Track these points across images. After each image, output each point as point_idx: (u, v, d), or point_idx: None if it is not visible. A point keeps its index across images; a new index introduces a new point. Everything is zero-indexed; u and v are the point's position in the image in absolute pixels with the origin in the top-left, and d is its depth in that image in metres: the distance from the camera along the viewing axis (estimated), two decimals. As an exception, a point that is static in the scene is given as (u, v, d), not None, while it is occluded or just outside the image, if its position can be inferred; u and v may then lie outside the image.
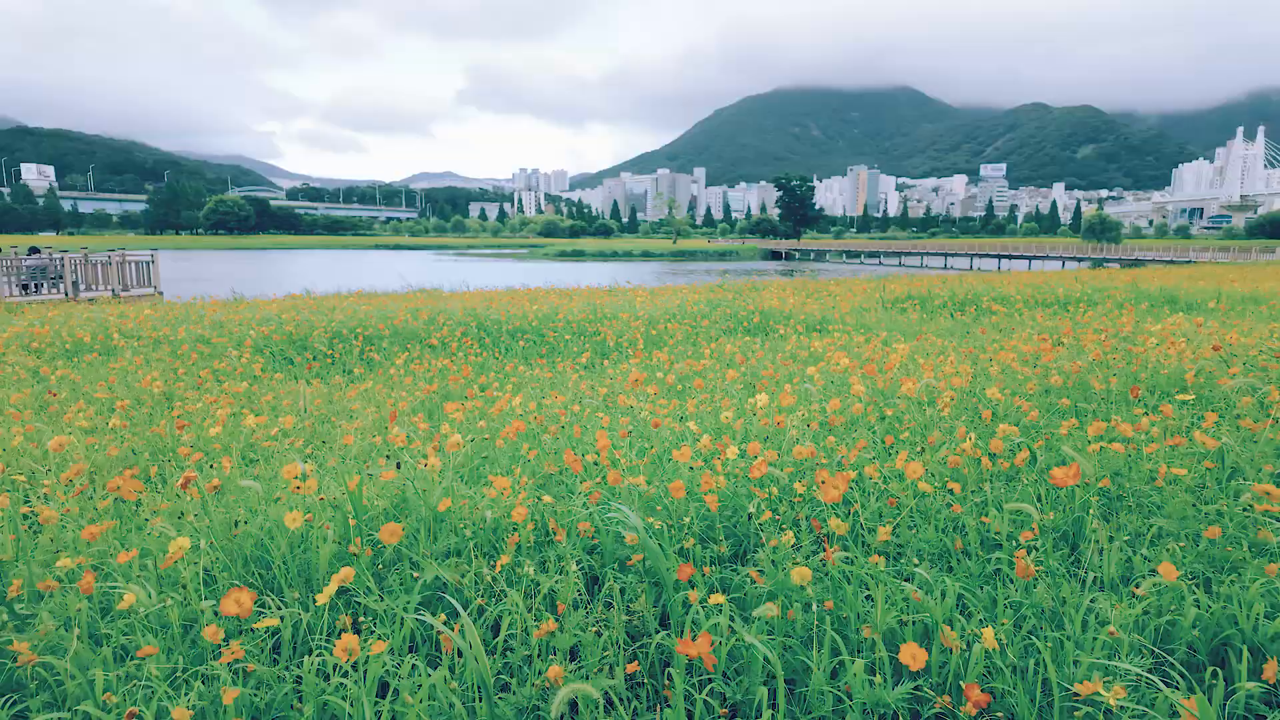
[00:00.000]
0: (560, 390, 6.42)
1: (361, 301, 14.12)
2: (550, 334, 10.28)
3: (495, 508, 2.91)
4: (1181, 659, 2.19)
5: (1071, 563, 2.78)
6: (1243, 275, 23.52)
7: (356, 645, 1.79)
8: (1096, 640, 2.00)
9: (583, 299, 14.67)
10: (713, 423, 4.44)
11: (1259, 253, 59.62)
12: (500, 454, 3.83)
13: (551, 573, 2.63)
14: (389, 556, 2.78)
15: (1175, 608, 2.22)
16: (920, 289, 17.18)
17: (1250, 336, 7.50)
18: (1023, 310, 13.02)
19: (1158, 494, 3.15)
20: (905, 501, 3.04)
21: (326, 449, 4.65)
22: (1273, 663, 1.64)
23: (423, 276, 24.34)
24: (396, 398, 6.26)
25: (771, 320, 12.46)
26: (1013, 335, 8.87)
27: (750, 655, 1.99)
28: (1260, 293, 15.82)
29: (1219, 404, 4.86)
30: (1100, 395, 5.11)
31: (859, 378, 5.55)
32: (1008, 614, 2.15)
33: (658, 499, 3.07)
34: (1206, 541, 2.75)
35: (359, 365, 8.78)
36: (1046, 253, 72.81)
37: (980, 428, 4.20)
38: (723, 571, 2.70)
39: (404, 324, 10.37)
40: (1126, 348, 6.61)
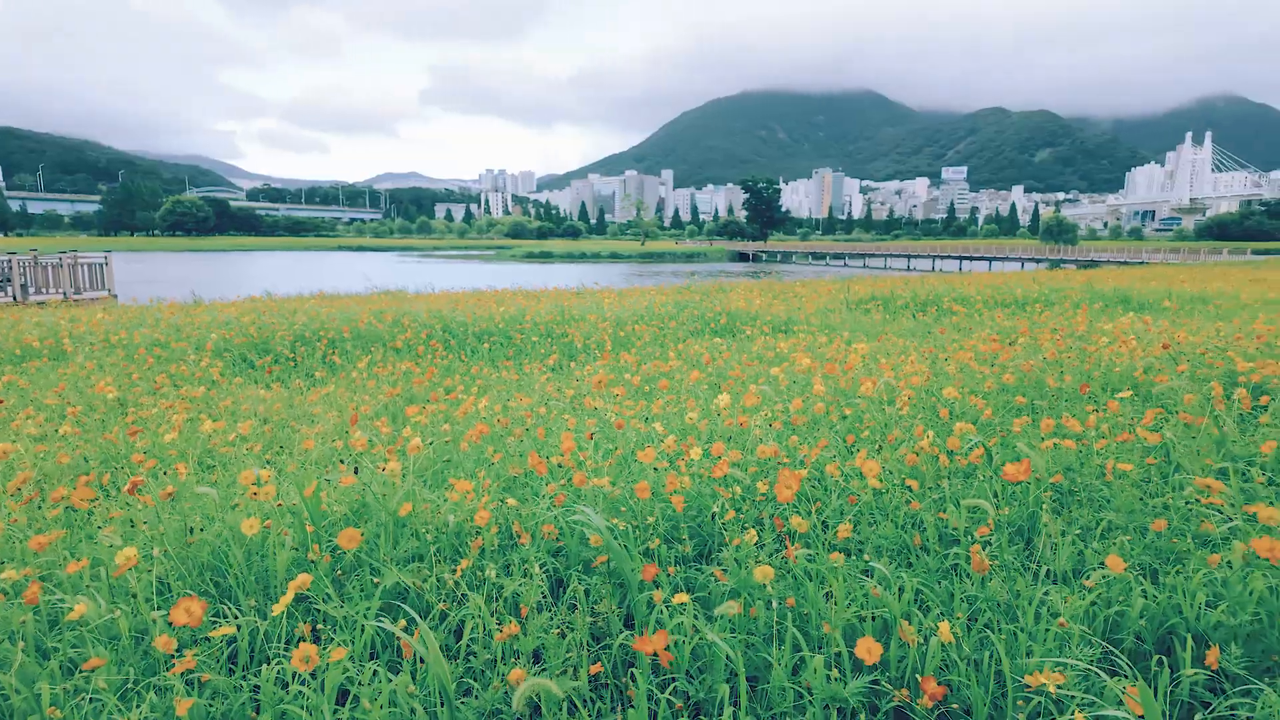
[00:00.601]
0: (527, 393, 6.39)
1: (324, 304, 13.90)
2: (517, 336, 10.22)
3: (458, 511, 2.89)
4: (1130, 649, 2.26)
5: (1026, 557, 2.85)
6: (1192, 276, 24.31)
7: (315, 653, 1.76)
8: (1049, 632, 2.05)
9: (550, 301, 14.62)
10: (678, 424, 4.46)
11: (1207, 254, 61.83)
12: (464, 457, 3.80)
13: (516, 576, 2.62)
14: (349, 562, 2.74)
15: (1123, 599, 2.29)
16: (883, 290, 17.45)
17: (1198, 335, 7.74)
18: (982, 310, 13.29)
19: (1107, 489, 3.24)
20: (865, 499, 3.09)
21: (286, 454, 4.57)
22: (1215, 650, 1.70)
23: (387, 278, 24.02)
24: (359, 401, 6.17)
25: (738, 321, 12.56)
26: (971, 335, 9.05)
27: (713, 654, 2.01)
28: (1208, 292, 16.37)
29: (1166, 400, 5.02)
30: (1054, 393, 5.24)
31: (821, 378, 5.63)
32: (963, 608, 2.20)
33: (623, 500, 3.07)
34: (1153, 534, 2.84)
35: (321, 369, 8.64)
36: (1006, 254, 74.43)
37: (938, 426, 4.28)
38: (688, 571, 2.72)
39: (367, 326, 10.23)
40: (1081, 346, 6.79)
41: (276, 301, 15.08)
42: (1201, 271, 28.62)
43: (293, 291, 18.34)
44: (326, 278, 30.22)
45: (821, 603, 2.18)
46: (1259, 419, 4.51)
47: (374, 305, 13.01)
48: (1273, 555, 1.87)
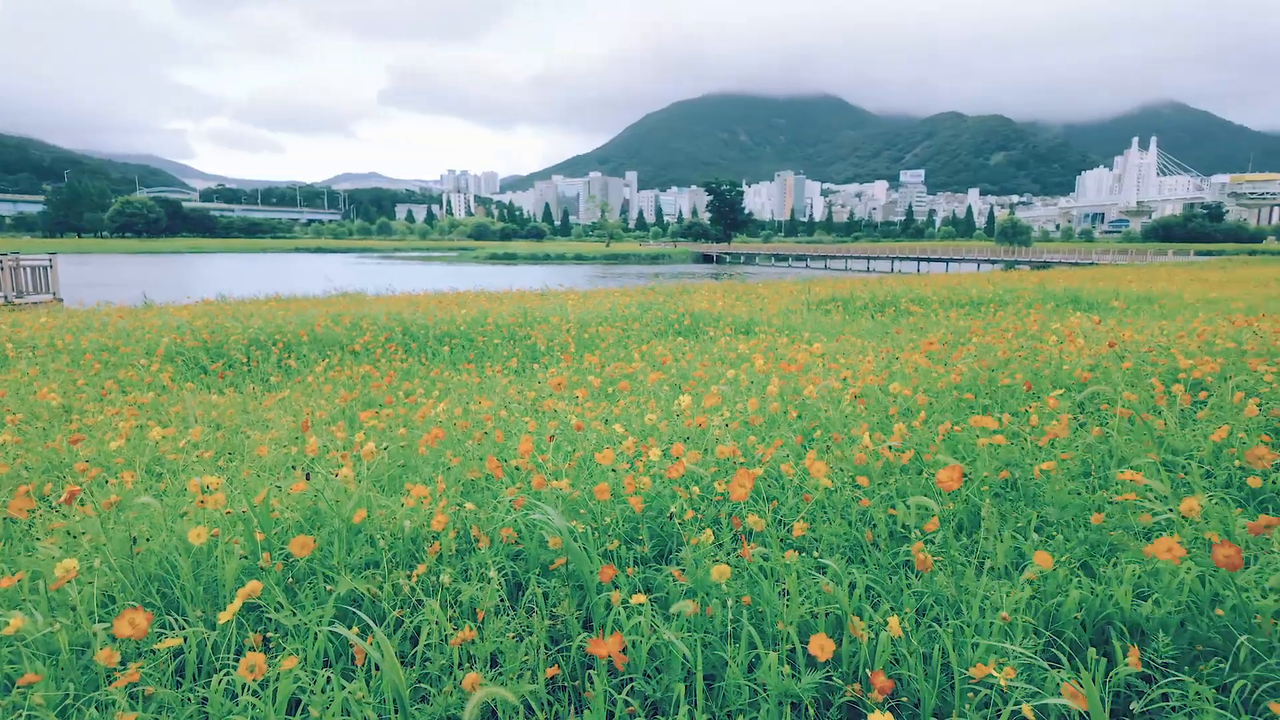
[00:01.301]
0: (489, 395, 6.35)
1: (280, 306, 13.62)
2: (479, 339, 10.15)
3: (414, 516, 2.86)
4: (1072, 639, 2.33)
5: (971, 551, 2.92)
6: (1139, 276, 25.15)
7: (262, 662, 1.74)
8: (993, 625, 2.11)
9: (513, 302, 14.54)
10: (640, 425, 4.47)
11: (1153, 255, 64.16)
12: (422, 461, 3.76)
13: (474, 580, 2.60)
14: (302, 570, 2.70)
15: (1060, 592, 2.37)
16: (843, 291, 17.72)
17: (1142, 334, 8.01)
18: (938, 311, 13.57)
19: (1049, 484, 3.34)
20: (819, 497, 3.14)
21: (239, 461, 4.48)
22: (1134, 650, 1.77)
23: (346, 280, 23.63)
24: (315, 406, 6.07)
25: (702, 323, 12.64)
26: (926, 335, 9.24)
27: (670, 653, 2.03)
28: (1153, 292, 16.96)
29: (1109, 397, 5.18)
30: (1006, 391, 5.38)
31: (778, 378, 5.69)
32: (911, 602, 2.25)
33: (582, 502, 3.08)
34: (1090, 528, 2.94)
35: (277, 373, 8.47)
36: (963, 255, 76.12)
37: (887, 424, 4.36)
38: (646, 572, 2.73)
39: (325, 330, 10.06)
40: (1033, 346, 6.98)
41: (231, 304, 14.74)
42: (1148, 272, 29.61)
43: (248, 294, 17.94)
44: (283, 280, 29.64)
45: (776, 600, 2.21)
46: (1197, 414, 4.69)
47: (332, 308, 12.79)
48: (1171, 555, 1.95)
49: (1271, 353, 6.23)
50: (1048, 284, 19.03)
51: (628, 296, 16.71)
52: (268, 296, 17.16)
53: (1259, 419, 4.42)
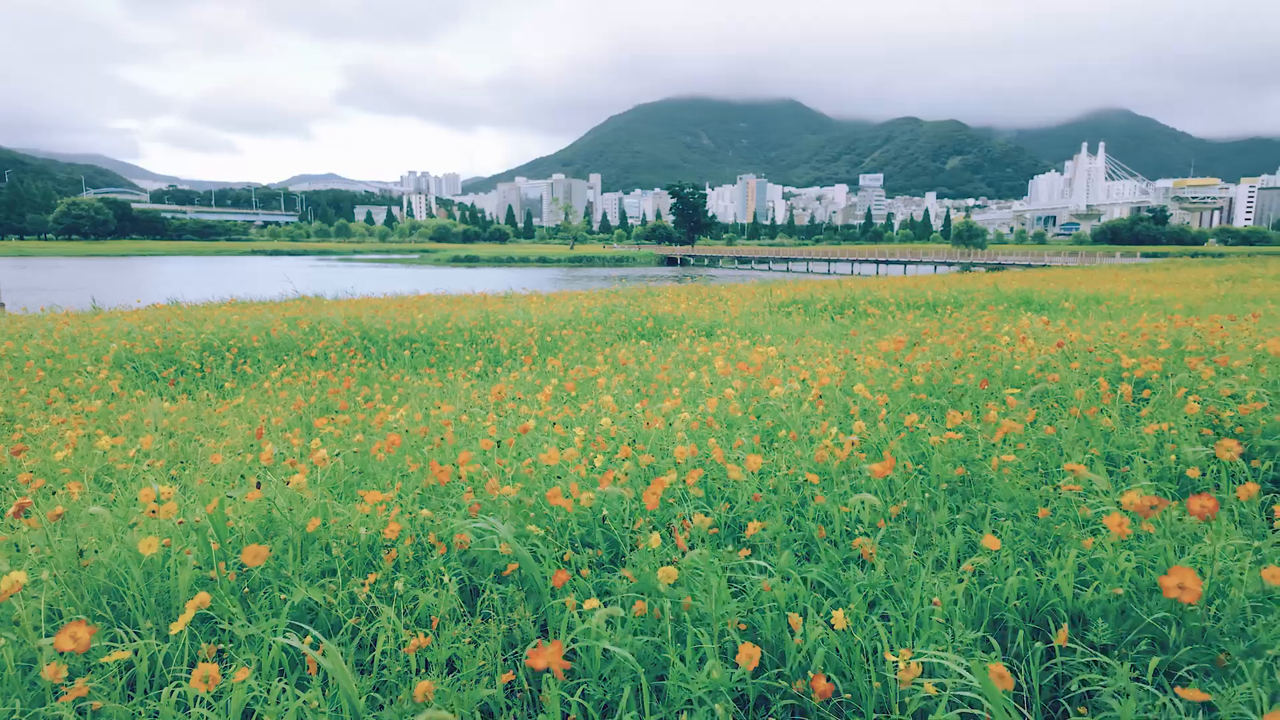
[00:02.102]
0: (450, 400, 6.31)
1: (235, 311, 13.33)
2: (441, 342, 10.06)
3: (370, 524, 2.84)
4: (1013, 628, 2.42)
5: (927, 546, 3.00)
6: (1088, 277, 25.93)
7: (216, 673, 1.72)
8: (934, 616, 2.18)
9: (475, 306, 14.44)
10: (599, 429, 4.49)
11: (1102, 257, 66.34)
12: (380, 468, 3.73)
13: (431, 587, 2.60)
14: (256, 580, 2.67)
15: (998, 581, 2.45)
16: (804, 294, 17.96)
17: (1089, 334, 8.28)
18: (896, 313, 13.84)
19: (1001, 479, 3.45)
20: (773, 498, 3.20)
21: (193, 469, 4.39)
22: (1064, 629, 1.85)
23: (304, 283, 23.21)
24: (271, 413, 5.97)
25: (665, 325, 12.71)
26: (884, 336, 9.42)
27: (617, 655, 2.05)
28: (1101, 293, 17.51)
29: (1059, 395, 5.36)
30: (960, 390, 5.52)
31: (740, 379, 5.77)
32: (858, 596, 2.31)
33: (537, 507, 3.09)
34: (1040, 520, 3.04)
35: (231, 379, 8.30)
36: (920, 258, 77.65)
37: (847, 424, 4.45)
38: (601, 575, 2.75)
39: (281, 334, 9.88)
40: (985, 346, 7.17)
41: (183, 309, 14.38)
42: (1096, 274, 30.56)
43: (202, 298, 17.52)
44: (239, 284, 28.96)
45: (724, 601, 2.25)
46: (1141, 411, 4.87)
47: (289, 312, 12.56)
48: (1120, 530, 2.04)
49: (1210, 351, 6.50)
50: (1001, 286, 19.52)
51: (591, 299, 16.72)
52: (222, 300, 16.78)
53: (1199, 415, 4.61)
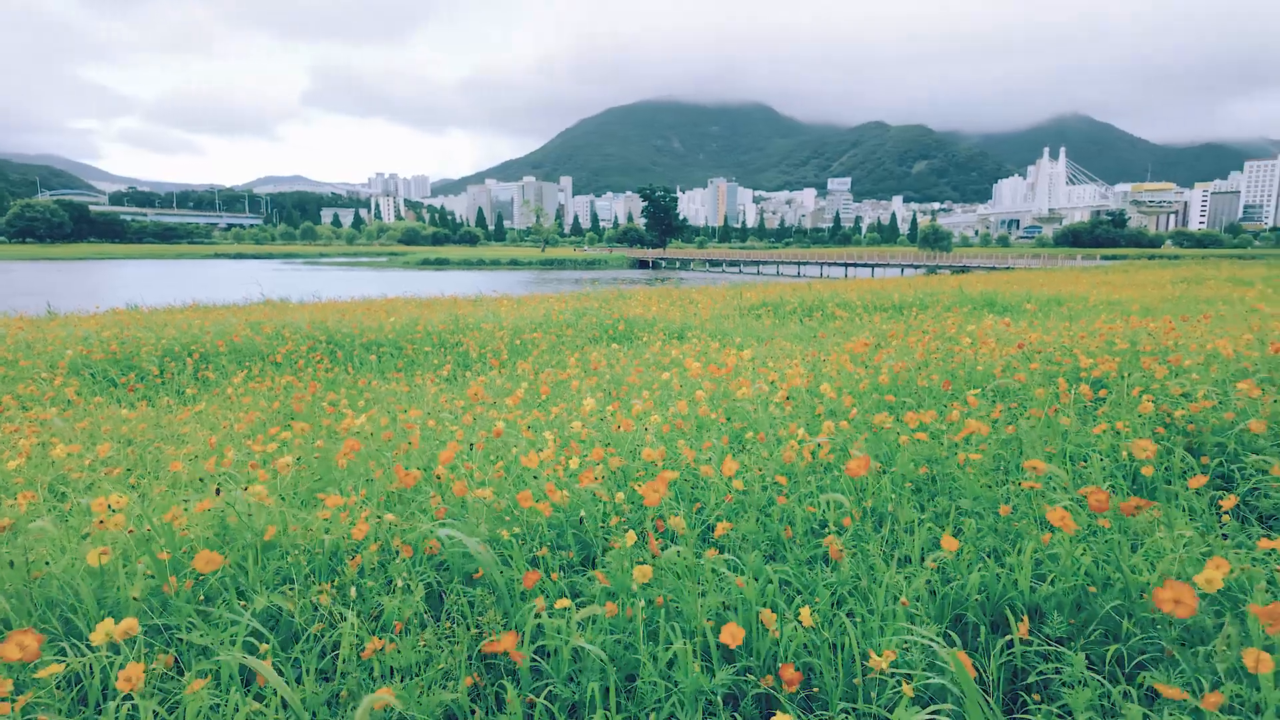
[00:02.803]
0: (418, 405, 6.24)
1: (197, 315, 13.06)
2: (409, 346, 9.96)
3: (333, 529, 2.80)
4: (975, 622, 2.46)
5: (894, 545, 3.04)
6: (1050, 280, 26.49)
7: (139, 675, 1.69)
8: (898, 612, 2.21)
9: (445, 309, 14.32)
10: (570, 431, 4.48)
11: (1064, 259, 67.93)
12: (344, 474, 3.68)
13: (397, 592, 2.57)
14: (215, 588, 2.61)
15: (960, 577, 2.50)
16: (773, 297, 18.10)
17: (1049, 335, 8.47)
18: (863, 315, 14.01)
19: (964, 478, 3.51)
20: (742, 498, 3.22)
21: (152, 478, 4.29)
22: (1024, 621, 1.89)
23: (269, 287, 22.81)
24: (234, 419, 5.85)
25: (636, 328, 12.72)
26: (851, 338, 9.53)
27: (589, 655, 2.05)
28: (1062, 295, 17.91)
29: (1020, 396, 5.47)
30: (924, 391, 5.61)
31: (710, 381, 5.80)
32: (825, 594, 2.34)
33: (508, 510, 3.07)
34: (1002, 518, 3.10)
35: (193, 385, 8.12)
36: (888, 261, 78.68)
37: (815, 424, 4.50)
38: (572, 576, 2.75)
39: (245, 339, 9.70)
40: (949, 348, 7.29)
41: (143, 314, 14.05)
42: (1058, 276, 31.23)
43: (162, 303, 17.14)
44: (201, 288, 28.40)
45: (694, 599, 2.26)
46: (1098, 410, 4.99)
47: (252, 316, 12.34)
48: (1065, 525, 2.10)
49: (1164, 351, 6.68)
50: (966, 288, 19.87)
51: (563, 302, 16.68)
52: (184, 305, 16.43)
53: (1152, 414, 4.74)
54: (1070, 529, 2.13)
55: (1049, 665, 2.26)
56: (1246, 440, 4.26)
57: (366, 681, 2.17)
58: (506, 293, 21.83)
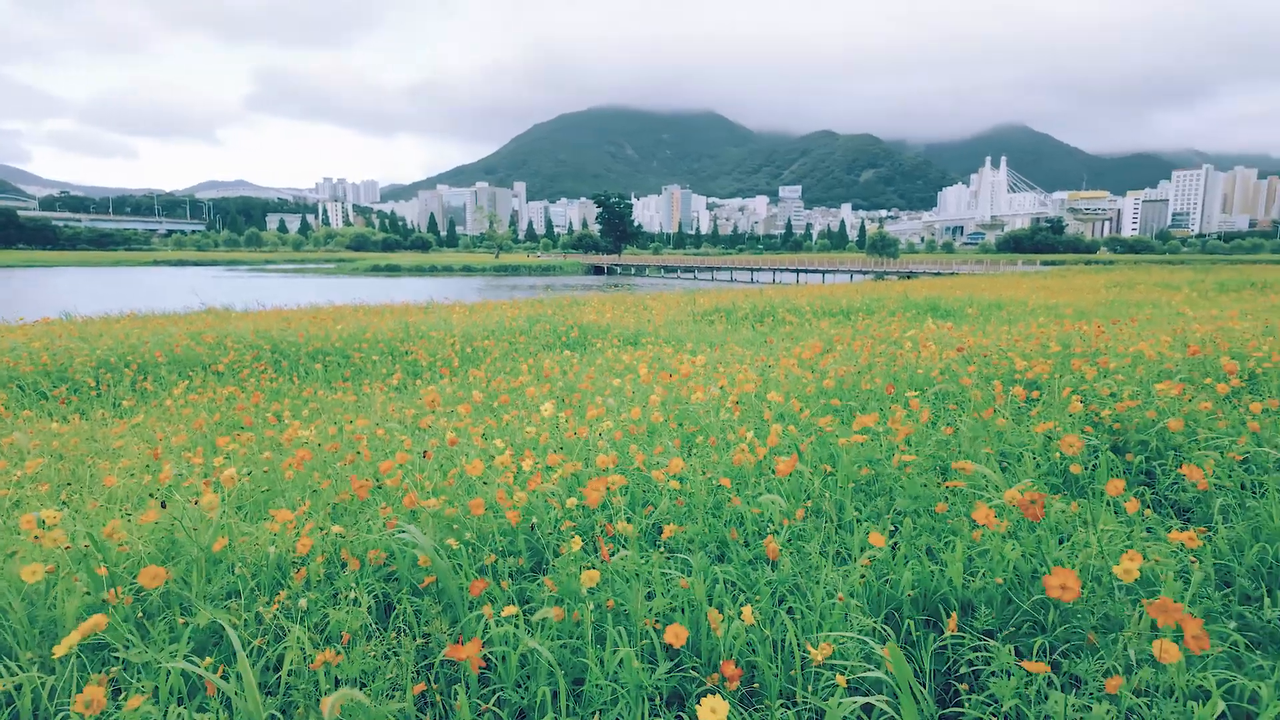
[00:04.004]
0: (366, 414, 6.16)
1: (135, 325, 12.63)
2: (356, 355, 9.80)
3: (279, 542, 2.77)
4: (910, 617, 2.56)
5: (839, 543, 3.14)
6: (992, 284, 27.37)
7: (101, 697, 1.66)
8: (835, 609, 2.30)
9: (394, 316, 14.13)
10: (521, 438, 4.49)
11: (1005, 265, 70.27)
12: (289, 485, 3.63)
13: (343, 604, 2.55)
14: (156, 604, 2.56)
15: (896, 574, 2.60)
16: (726, 303, 18.32)
17: (987, 339, 8.78)
18: (813, 320, 14.29)
19: (904, 478, 3.64)
20: (694, 500, 3.28)
21: (85, 493, 4.15)
22: (953, 617, 1.98)
23: (212, 295, 22.16)
24: (173, 431, 5.70)
25: (590, 335, 12.74)
26: (800, 343, 9.73)
27: (536, 660, 2.08)
28: (1003, 299, 18.53)
29: (958, 397, 5.66)
30: (867, 394, 5.77)
31: (662, 387, 5.86)
32: (766, 592, 2.41)
33: (458, 519, 3.08)
34: (938, 516, 3.22)
35: (130, 397, 7.87)
36: (837, 267, 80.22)
37: (763, 428, 4.59)
38: (522, 583, 2.76)
39: (185, 349, 9.43)
40: (891, 352, 7.50)
41: (77, 324, 13.52)
42: (1000, 280, 32.29)
43: (98, 312, 16.51)
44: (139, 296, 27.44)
45: (641, 602, 2.31)
46: (1031, 411, 5.21)
47: (193, 325, 12.00)
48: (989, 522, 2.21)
49: (1094, 353, 7.00)
50: (911, 294, 20.40)
51: (516, 309, 16.60)
52: (121, 314, 15.85)
53: (1081, 414, 4.97)
54: (994, 526, 2.24)
55: (980, 657, 2.37)
56: (1167, 438, 4.50)
57: (313, 694, 2.16)
58: (459, 299, 21.61)
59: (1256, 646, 2.62)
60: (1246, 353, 6.51)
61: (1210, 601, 2.74)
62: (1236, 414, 4.63)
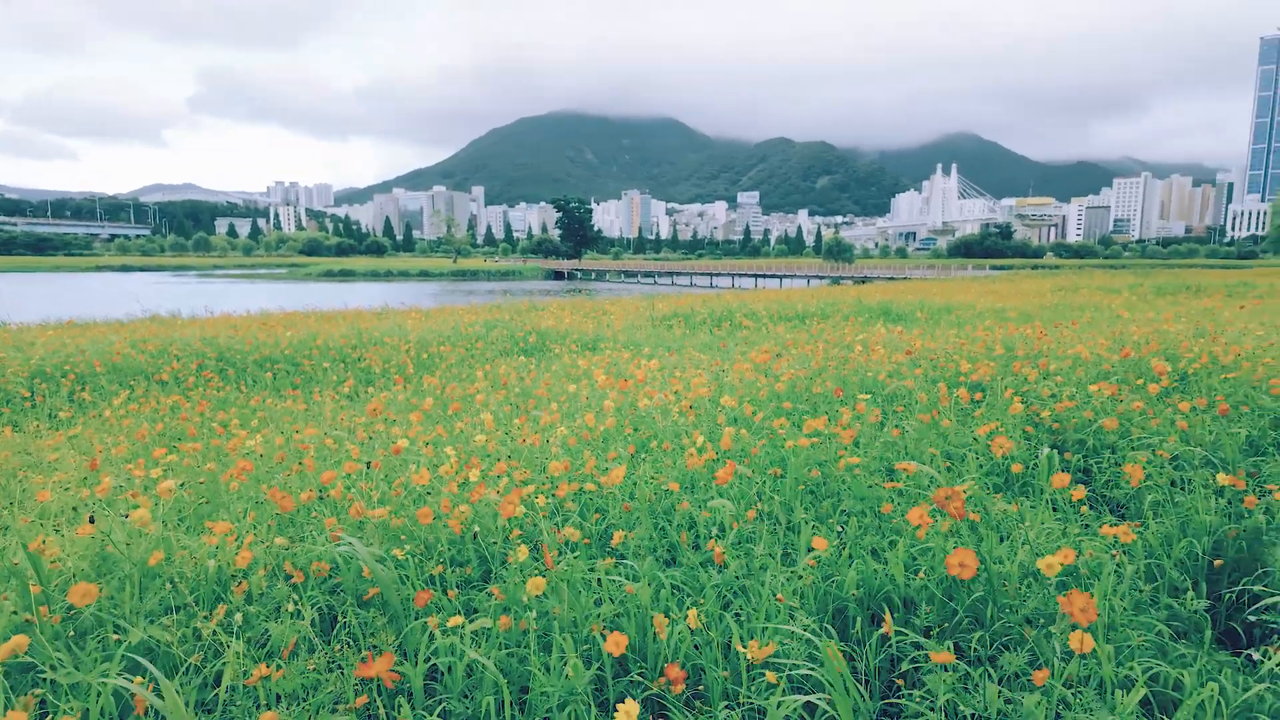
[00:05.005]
0: (316, 423, 6.04)
1: (73, 333, 12.18)
2: (306, 362, 9.60)
3: (219, 555, 2.70)
4: (855, 616, 2.61)
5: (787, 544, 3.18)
6: (943, 289, 28.04)
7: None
8: (779, 610, 2.33)
9: (347, 323, 13.89)
10: (470, 446, 4.46)
11: (956, 269, 72.09)
12: (233, 497, 3.55)
13: (285, 618, 2.50)
14: (88, 622, 2.48)
15: (841, 574, 2.65)
16: (685, 307, 18.43)
17: (935, 342, 8.99)
18: (769, 325, 14.46)
19: (851, 479, 3.71)
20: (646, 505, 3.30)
21: (15, 508, 3.99)
22: (888, 616, 2.03)
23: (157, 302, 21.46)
24: (113, 442, 5.51)
25: (548, 340, 12.69)
26: (755, 347, 9.84)
27: (482, 670, 2.07)
28: (953, 303, 18.99)
29: (905, 399, 5.79)
30: (819, 397, 5.86)
31: (617, 392, 5.87)
32: (713, 595, 2.43)
33: (404, 529, 3.04)
34: (883, 516, 3.30)
35: (67, 408, 7.59)
36: (795, 272, 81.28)
37: (716, 433, 4.63)
38: (470, 593, 2.74)
39: (126, 358, 9.12)
40: (844, 355, 7.64)
41: (10, 331, 12.98)
42: (950, 285, 33.10)
43: (34, 319, 15.87)
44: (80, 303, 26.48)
45: (586, 608, 2.31)
46: (975, 412, 5.35)
47: (136, 333, 11.61)
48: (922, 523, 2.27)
49: (1036, 356, 7.22)
50: (865, 298, 20.79)
51: (473, 314, 16.46)
52: (59, 321, 15.27)
53: (1022, 414, 5.13)
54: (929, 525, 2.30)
55: (920, 653, 2.43)
56: (1103, 437, 4.67)
57: (250, 710, 2.11)
58: (415, 305, 21.33)
59: (1182, 636, 2.74)
60: (1179, 354, 6.78)
61: (1140, 594, 2.86)
62: (1167, 413, 4.82)
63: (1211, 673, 2.34)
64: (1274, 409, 4.93)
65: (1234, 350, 6.47)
